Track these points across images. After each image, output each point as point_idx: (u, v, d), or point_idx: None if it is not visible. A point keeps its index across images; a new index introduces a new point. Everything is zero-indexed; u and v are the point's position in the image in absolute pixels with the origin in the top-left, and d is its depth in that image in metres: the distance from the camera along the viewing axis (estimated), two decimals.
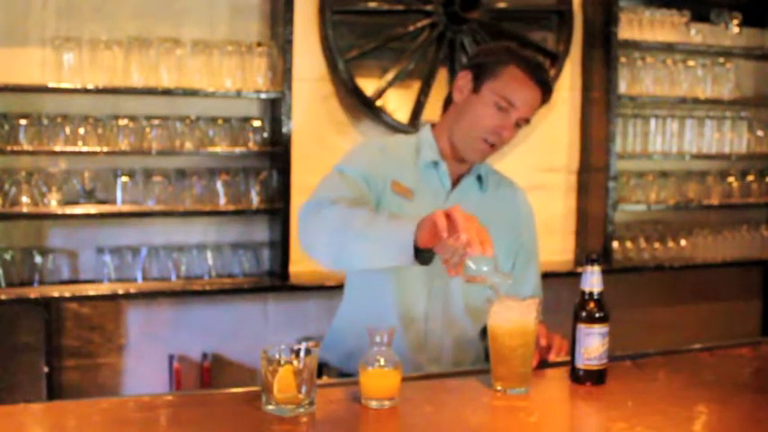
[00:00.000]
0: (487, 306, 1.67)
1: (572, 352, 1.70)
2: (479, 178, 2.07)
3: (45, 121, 3.06)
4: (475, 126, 1.95)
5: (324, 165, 2.11)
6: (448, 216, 1.53)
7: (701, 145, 3.97)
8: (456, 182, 2.05)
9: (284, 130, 3.25)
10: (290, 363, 1.46)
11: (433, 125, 2.09)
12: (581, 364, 1.68)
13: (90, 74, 3.07)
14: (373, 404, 1.53)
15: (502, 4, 3.62)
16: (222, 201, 3.29)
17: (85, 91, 3.04)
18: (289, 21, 3.22)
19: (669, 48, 3.85)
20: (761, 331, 4.33)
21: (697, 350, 2.04)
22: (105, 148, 3.10)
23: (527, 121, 1.98)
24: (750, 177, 4.11)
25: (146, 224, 3.30)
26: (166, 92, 3.14)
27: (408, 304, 1.97)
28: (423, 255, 1.60)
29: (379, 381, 1.53)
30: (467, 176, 2.05)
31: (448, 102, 2.08)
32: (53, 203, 3.10)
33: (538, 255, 2.18)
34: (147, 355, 3.34)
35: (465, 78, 2.00)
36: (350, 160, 1.99)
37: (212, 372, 3.36)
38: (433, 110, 3.41)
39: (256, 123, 3.33)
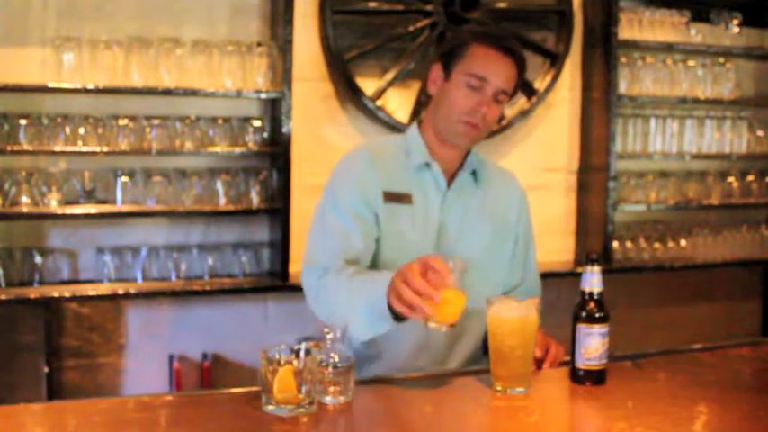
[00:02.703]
0: (487, 306, 1.67)
1: (572, 352, 1.70)
2: (473, 173, 2.06)
3: (45, 121, 3.06)
4: (453, 111, 1.94)
5: (324, 165, 2.11)
6: (398, 297, 1.56)
7: (701, 145, 3.97)
8: (451, 180, 2.04)
9: (284, 130, 3.25)
10: (290, 363, 1.46)
11: (420, 122, 2.09)
12: (581, 364, 1.68)
13: (90, 74, 3.07)
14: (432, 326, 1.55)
15: (502, 4, 3.62)
16: (222, 201, 3.29)
17: (85, 91, 3.04)
18: (289, 21, 3.22)
19: (669, 48, 3.84)
20: (761, 331, 4.33)
21: (697, 350, 2.05)
22: (105, 148, 3.10)
23: (506, 94, 1.95)
24: (750, 177, 4.11)
25: (146, 224, 3.30)
26: (166, 92, 3.14)
27: None
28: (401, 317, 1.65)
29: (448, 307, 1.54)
30: (461, 173, 2.04)
31: (428, 99, 2.08)
32: (53, 203, 3.10)
33: (534, 240, 2.19)
34: (147, 355, 3.34)
35: (436, 70, 2.01)
36: (341, 188, 1.98)
37: (212, 372, 3.36)
38: None
39: (256, 123, 3.33)
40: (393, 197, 1.96)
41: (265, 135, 3.35)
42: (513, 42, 1.96)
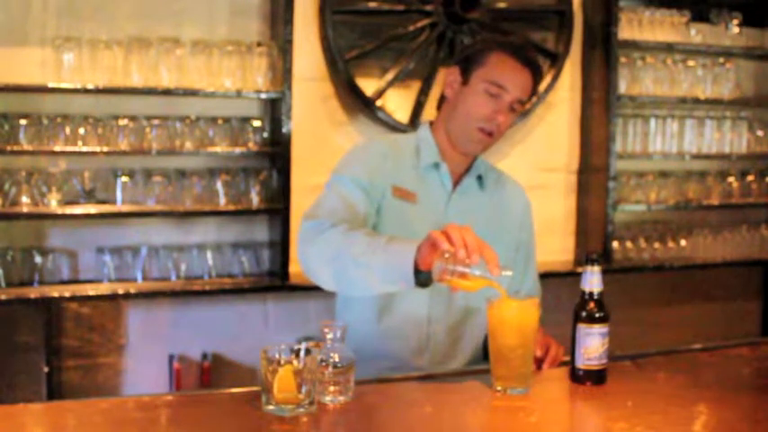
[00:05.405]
0: (487, 306, 1.67)
1: (572, 352, 1.70)
2: (479, 177, 2.08)
3: (45, 121, 3.06)
4: (469, 116, 1.95)
5: (324, 165, 2.11)
6: (443, 233, 1.54)
7: (701, 145, 3.97)
8: (456, 182, 2.05)
9: (284, 130, 3.25)
10: (290, 363, 1.46)
11: (431, 123, 2.10)
12: (581, 364, 1.68)
13: (90, 74, 3.07)
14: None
15: (502, 4, 3.62)
16: (222, 201, 3.29)
17: (85, 91, 3.04)
18: (289, 21, 3.22)
19: (669, 48, 3.84)
20: (761, 331, 4.33)
21: (697, 350, 2.05)
22: (105, 148, 3.10)
23: (521, 103, 1.97)
24: (750, 177, 4.11)
25: (146, 224, 3.30)
26: (166, 92, 3.14)
27: (411, 307, 1.97)
28: (421, 278, 1.60)
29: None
30: (467, 176, 2.06)
31: (441, 101, 2.09)
32: (53, 203, 3.10)
33: (535, 249, 2.20)
34: (147, 355, 3.34)
35: (454, 74, 2.01)
36: (349, 166, 1.97)
37: (212, 372, 3.36)
38: (432, 110, 3.39)
39: (256, 123, 3.33)
40: (401, 193, 1.97)
41: (265, 135, 3.35)
42: (534, 53, 1.98)
